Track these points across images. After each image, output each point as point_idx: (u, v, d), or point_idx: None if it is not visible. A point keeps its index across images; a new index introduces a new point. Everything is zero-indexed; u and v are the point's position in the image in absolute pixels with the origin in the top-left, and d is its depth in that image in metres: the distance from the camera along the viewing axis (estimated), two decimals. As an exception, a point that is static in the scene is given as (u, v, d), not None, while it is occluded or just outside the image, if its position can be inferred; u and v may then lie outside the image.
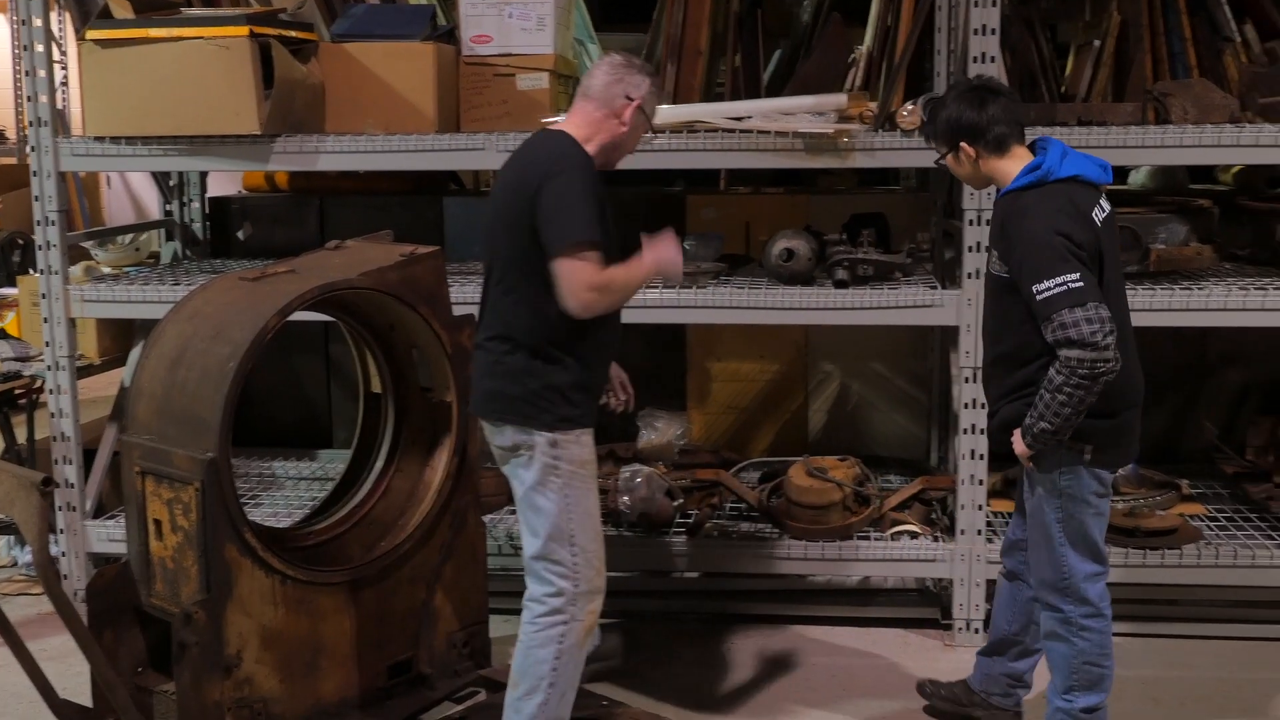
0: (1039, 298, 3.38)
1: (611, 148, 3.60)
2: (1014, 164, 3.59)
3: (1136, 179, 6.02)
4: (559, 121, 3.70)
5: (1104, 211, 3.56)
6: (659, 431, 5.36)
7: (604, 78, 3.58)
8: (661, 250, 3.53)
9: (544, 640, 3.56)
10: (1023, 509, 3.86)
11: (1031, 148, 3.64)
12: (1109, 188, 3.65)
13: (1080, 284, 3.35)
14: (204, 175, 6.04)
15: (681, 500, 5.00)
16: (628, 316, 3.84)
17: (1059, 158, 3.55)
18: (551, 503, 3.52)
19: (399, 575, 4.06)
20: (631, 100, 3.56)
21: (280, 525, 4.59)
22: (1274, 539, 4.76)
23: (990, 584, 4.75)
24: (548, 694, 3.57)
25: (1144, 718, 4.19)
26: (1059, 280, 3.36)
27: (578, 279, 3.35)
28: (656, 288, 4.17)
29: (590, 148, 3.53)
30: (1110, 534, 4.65)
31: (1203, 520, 4.94)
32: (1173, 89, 4.67)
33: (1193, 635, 4.75)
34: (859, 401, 5.84)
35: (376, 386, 4.34)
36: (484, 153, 4.70)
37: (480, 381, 3.62)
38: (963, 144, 3.61)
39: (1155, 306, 4.45)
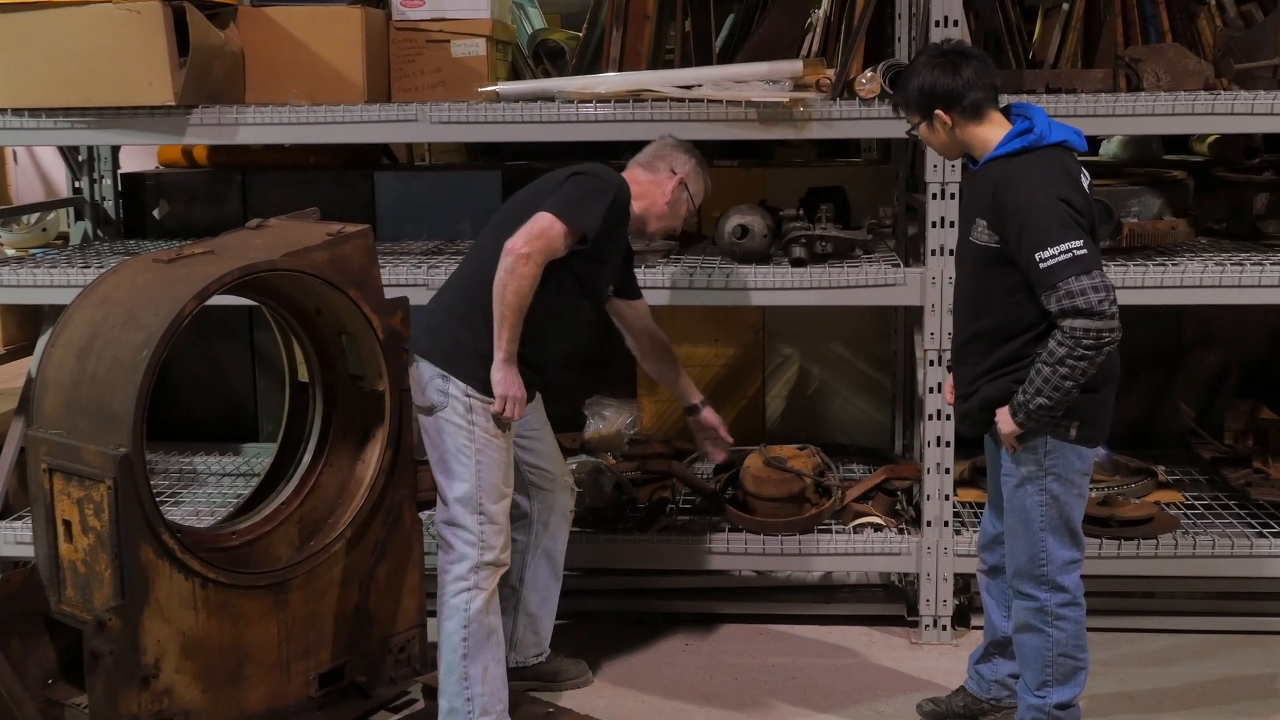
0: (1042, 266, 3.40)
1: (652, 216, 4.03)
2: (993, 130, 3.60)
3: (1108, 150, 6.06)
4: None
5: (1087, 179, 3.60)
6: (607, 420, 5.35)
7: (651, 152, 4.10)
8: (503, 384, 3.76)
9: (451, 610, 3.81)
10: (996, 500, 3.87)
11: (1006, 114, 3.64)
12: (1080, 158, 3.67)
13: (1084, 251, 3.39)
14: (116, 150, 5.95)
15: (632, 493, 4.99)
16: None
17: (1047, 122, 3.57)
18: (464, 467, 3.79)
19: (330, 577, 4.03)
20: (675, 174, 4.04)
21: (201, 525, 4.56)
22: (1254, 527, 4.81)
23: (959, 578, 4.78)
24: (464, 668, 3.81)
25: (1120, 715, 4.22)
26: (1064, 248, 3.38)
27: (533, 232, 3.67)
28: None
29: (636, 206, 3.99)
30: (1084, 523, 4.70)
31: (1180, 508, 4.98)
32: (1145, 54, 4.69)
33: (1170, 629, 4.79)
34: (819, 387, 5.85)
35: (303, 375, 4.30)
36: (417, 124, 4.66)
37: (422, 319, 3.96)
38: (938, 111, 3.61)
39: (1128, 284, 4.47)
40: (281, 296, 4.13)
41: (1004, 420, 3.58)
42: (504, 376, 3.75)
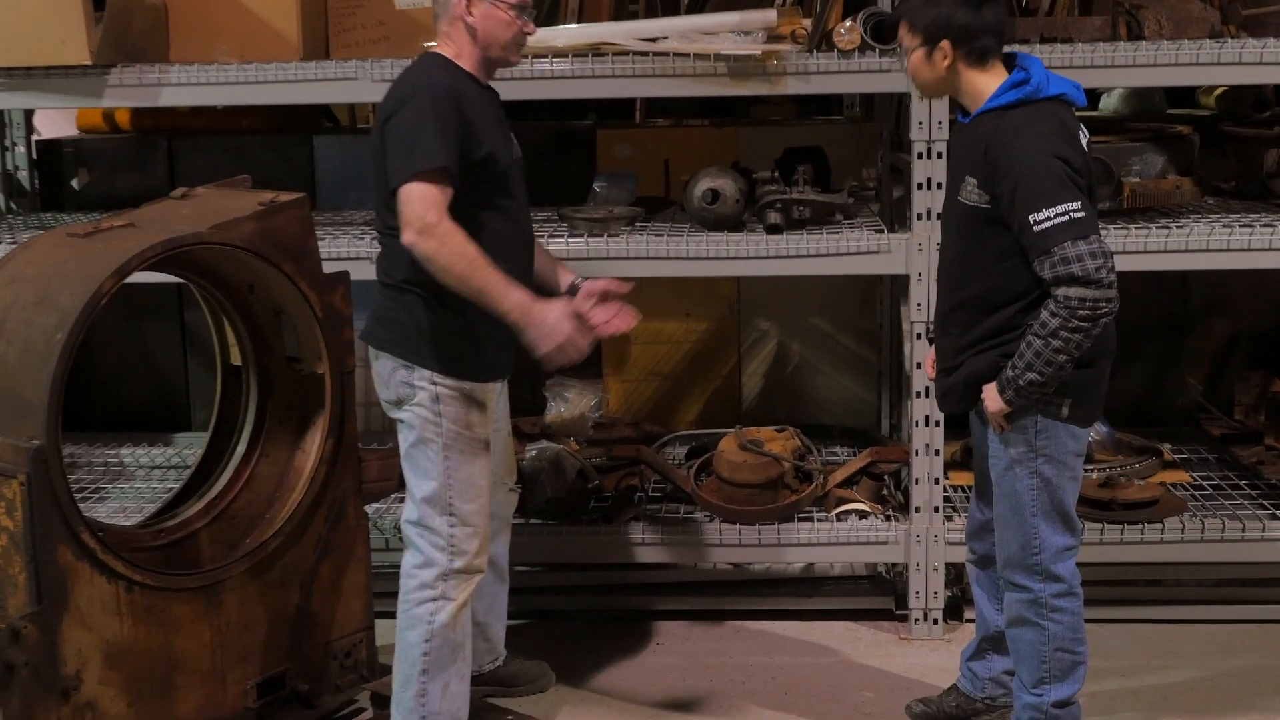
0: (1036, 229, 3.39)
1: (484, 52, 3.75)
2: (990, 80, 3.58)
3: (1107, 103, 6.06)
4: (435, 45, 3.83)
5: (1085, 137, 3.60)
6: (570, 403, 5.33)
7: (436, 8, 3.80)
8: (545, 314, 3.54)
9: (413, 620, 3.76)
10: (983, 484, 3.88)
11: (1007, 66, 3.63)
12: (1077, 113, 3.66)
13: (1082, 214, 3.39)
14: (29, 115, 5.90)
15: (597, 481, 4.99)
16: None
17: (1045, 74, 3.56)
18: (432, 464, 3.72)
19: (267, 577, 4.01)
20: None
21: (126, 523, 4.54)
22: (1266, 509, 4.83)
23: (950, 568, 4.79)
24: (422, 683, 3.76)
25: (1123, 713, 4.24)
26: (1060, 209, 3.38)
27: (413, 208, 3.50)
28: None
29: (465, 63, 3.74)
30: (1083, 507, 4.70)
31: (1187, 490, 5.00)
32: (1146, 0, 4.68)
33: (1176, 620, 4.81)
34: (798, 364, 5.85)
35: (236, 358, 4.29)
36: (357, 83, 4.64)
37: (371, 314, 3.85)
38: (944, 43, 3.57)
39: (1129, 248, 4.48)
40: (210, 272, 4.11)
41: (991, 398, 3.57)
42: (536, 320, 3.52)
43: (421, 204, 3.49)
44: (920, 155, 4.57)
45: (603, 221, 4.76)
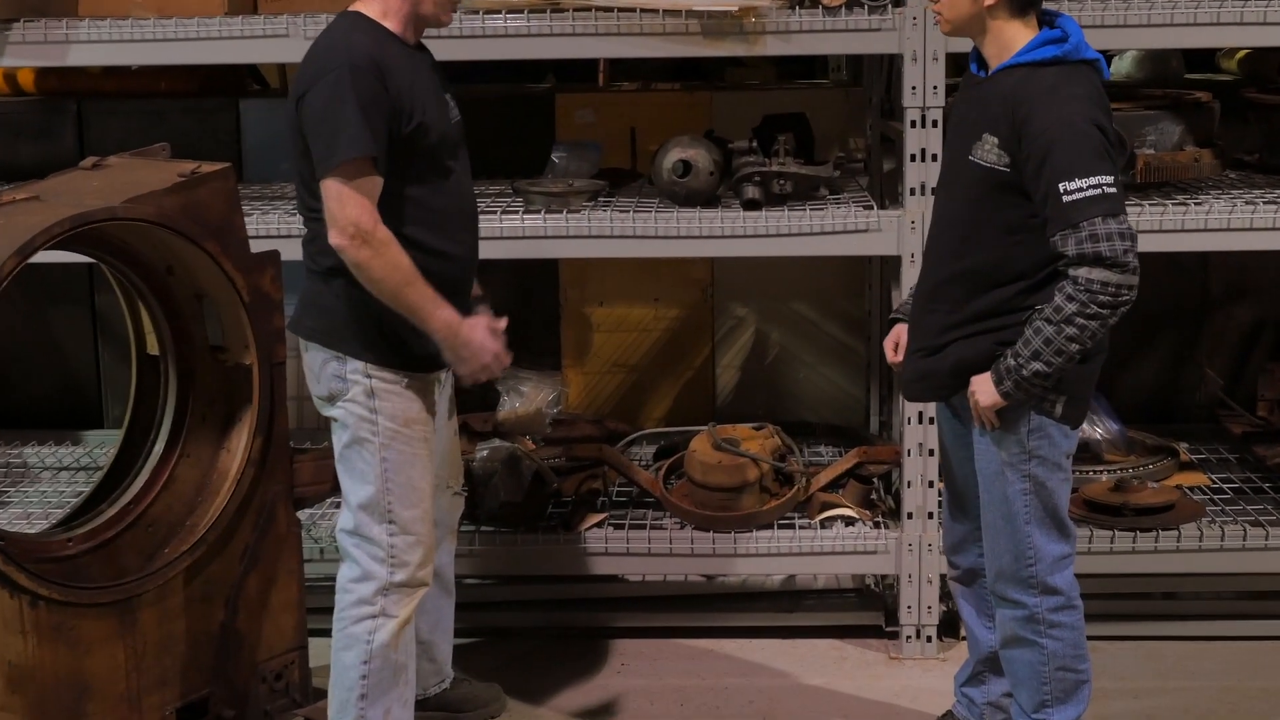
0: (1065, 199, 3.38)
1: (413, 8, 3.72)
2: (1024, 32, 3.57)
3: (1119, 67, 6.08)
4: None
5: None
6: (525, 398, 5.30)
7: None
8: (471, 334, 3.66)
9: (349, 640, 3.75)
10: (959, 489, 3.88)
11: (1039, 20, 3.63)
12: None
13: (1115, 190, 3.40)
14: (-79, 76, 5.86)
15: (555, 485, 4.99)
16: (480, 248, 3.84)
17: (1082, 36, 3.56)
18: (368, 466, 3.72)
19: (188, 591, 3.99)
20: None
21: (31, 530, 4.51)
22: (1291, 514, 4.86)
23: (945, 580, 4.79)
24: (360, 709, 3.75)
25: (1135, 740, 4.27)
26: (1094, 181, 3.38)
27: (345, 211, 3.53)
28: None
29: (391, 23, 3.71)
30: (1092, 512, 4.75)
31: (1205, 493, 5.03)
32: (1162, -48, 4.69)
33: (1193, 636, 4.84)
34: (778, 354, 5.86)
35: (153, 347, 4.25)
36: (288, 40, 4.61)
37: (299, 300, 3.87)
38: None
39: (1143, 227, 4.48)
40: (124, 252, 4.08)
41: (985, 390, 3.55)
42: (463, 341, 3.64)
43: (355, 206, 3.52)
44: (914, 124, 4.57)
45: (562, 196, 4.75)
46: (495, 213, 4.63)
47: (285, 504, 4.18)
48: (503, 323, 3.80)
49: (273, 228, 4.61)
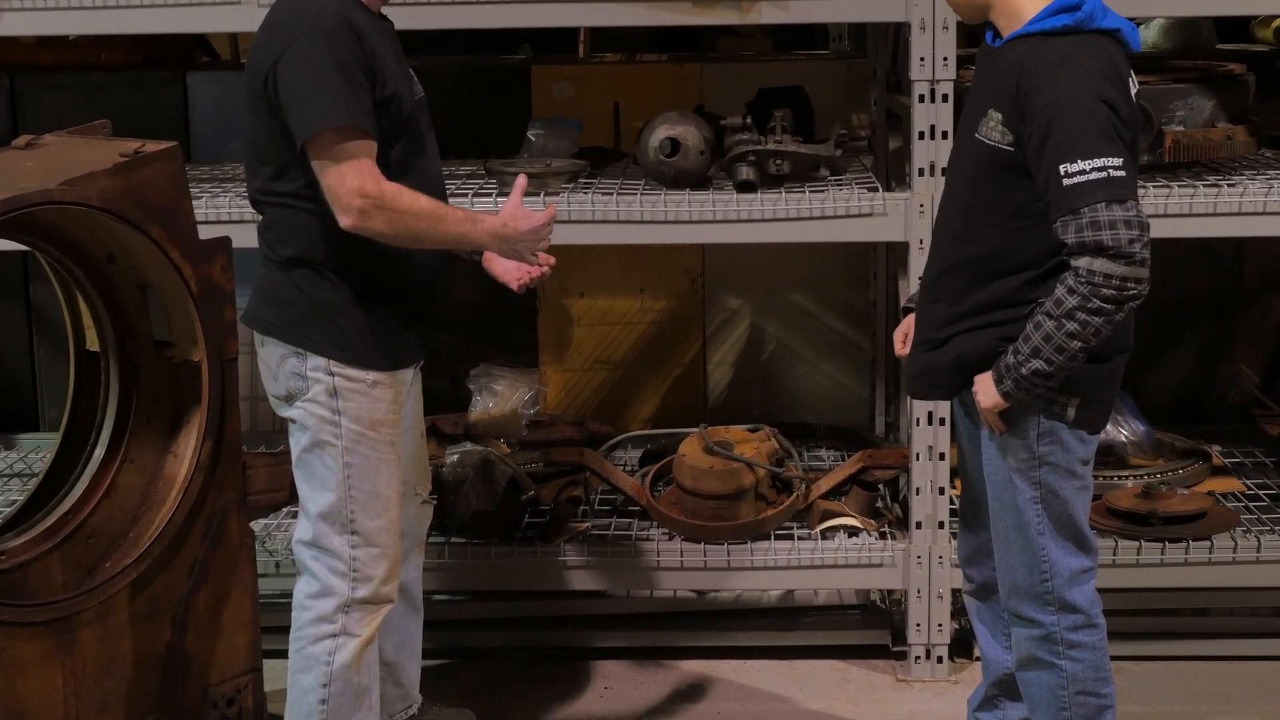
0: (1066, 182, 3.37)
1: None
2: (1033, 1, 3.58)
3: (1146, 37, 6.10)
4: None
5: (1134, 86, 3.60)
6: (499, 397, 5.31)
7: None
8: (516, 223, 3.66)
9: (308, 661, 3.75)
10: (973, 497, 3.89)
11: None
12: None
13: (1122, 173, 3.37)
14: None
15: (532, 492, 4.99)
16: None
17: (1101, 4, 3.55)
18: (330, 471, 3.72)
19: (132, 609, 3.98)
20: None
21: (-40, 543, 4.50)
22: (1333, 523, 4.89)
23: (957, 595, 4.81)
24: None
25: (1164, 769, 4.30)
26: (1098, 163, 3.36)
27: (345, 185, 3.51)
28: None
29: None
30: (1117, 521, 4.76)
31: (1240, 500, 5.05)
32: (1192, -89, 4.72)
33: (1227, 656, 4.86)
34: (775, 350, 5.87)
35: (94, 343, 4.24)
36: (241, 8, 4.60)
37: (255, 291, 3.87)
38: None
39: (1171, 210, 4.50)
40: (62, 239, 4.07)
41: (985, 391, 3.54)
42: (513, 234, 3.68)
43: (355, 175, 3.51)
44: (922, 98, 4.58)
45: (539, 177, 4.74)
46: (466, 195, 4.63)
47: (237, 513, 4.17)
48: (522, 183, 3.83)
49: (223, 212, 4.61)
